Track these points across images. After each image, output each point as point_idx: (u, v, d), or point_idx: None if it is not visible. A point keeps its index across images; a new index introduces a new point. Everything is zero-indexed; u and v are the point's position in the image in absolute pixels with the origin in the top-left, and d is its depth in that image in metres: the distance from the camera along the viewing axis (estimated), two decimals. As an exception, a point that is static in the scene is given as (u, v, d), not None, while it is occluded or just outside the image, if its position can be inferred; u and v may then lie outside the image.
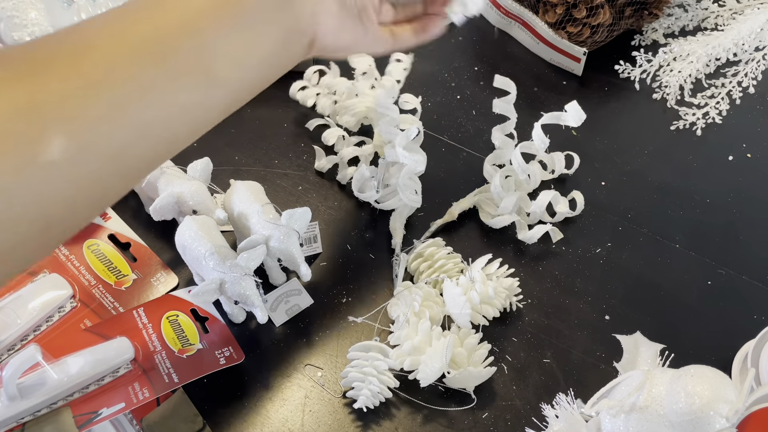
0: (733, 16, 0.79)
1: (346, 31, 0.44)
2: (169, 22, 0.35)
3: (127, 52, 0.33)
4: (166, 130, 0.35)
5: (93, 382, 0.48)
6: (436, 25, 0.51)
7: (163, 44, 0.34)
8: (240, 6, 0.37)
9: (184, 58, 0.34)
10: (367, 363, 0.49)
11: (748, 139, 0.69)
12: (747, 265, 0.60)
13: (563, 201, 0.61)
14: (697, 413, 0.40)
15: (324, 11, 0.42)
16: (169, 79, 0.34)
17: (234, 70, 0.37)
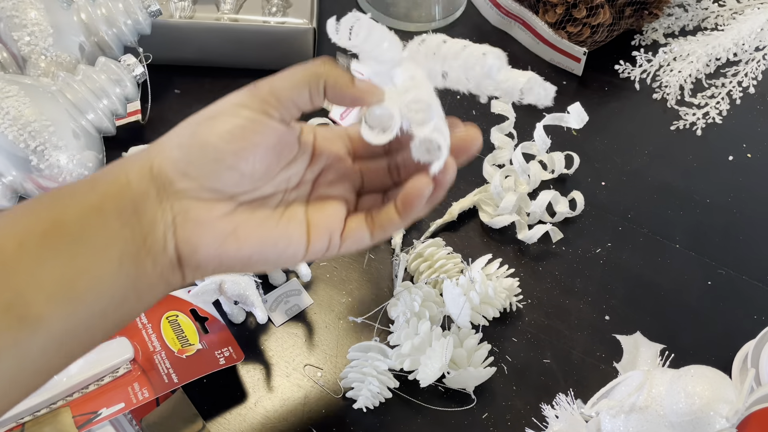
0: (733, 16, 0.79)
1: (252, 239, 0.34)
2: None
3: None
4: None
5: (92, 382, 0.48)
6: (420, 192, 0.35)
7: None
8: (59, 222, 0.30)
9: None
10: (366, 363, 0.49)
11: (748, 139, 0.69)
12: (747, 265, 0.60)
13: (563, 201, 0.61)
14: (697, 413, 0.40)
15: (187, 219, 0.32)
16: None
17: (56, 305, 0.29)
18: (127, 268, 0.31)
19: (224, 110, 0.33)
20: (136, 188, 0.31)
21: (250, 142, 0.33)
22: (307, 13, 0.68)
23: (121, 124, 0.63)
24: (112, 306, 0.31)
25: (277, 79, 0.33)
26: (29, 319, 0.28)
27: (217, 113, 0.33)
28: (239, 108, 0.33)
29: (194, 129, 0.33)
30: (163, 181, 0.32)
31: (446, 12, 0.77)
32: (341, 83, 0.34)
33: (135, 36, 0.61)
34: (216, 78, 0.69)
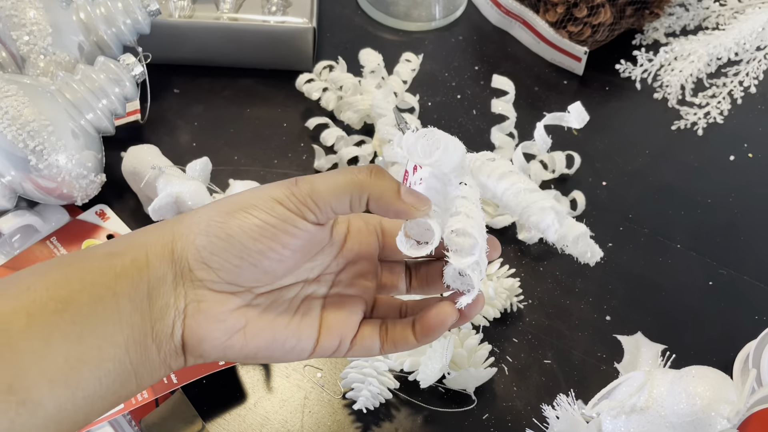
0: (734, 16, 0.79)
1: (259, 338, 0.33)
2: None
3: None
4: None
5: None
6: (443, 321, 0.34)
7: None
8: (71, 300, 0.29)
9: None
10: (366, 364, 0.49)
11: (749, 138, 0.69)
12: (748, 265, 0.60)
13: (564, 201, 0.61)
14: (699, 414, 0.40)
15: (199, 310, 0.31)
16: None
17: (56, 392, 0.28)
18: (132, 353, 0.30)
19: (258, 203, 0.31)
20: (155, 271, 0.31)
21: (279, 242, 0.32)
22: (307, 13, 0.68)
23: (120, 124, 0.63)
24: (111, 390, 0.30)
25: (320, 180, 0.32)
26: (28, 404, 0.28)
27: (251, 205, 0.31)
28: (275, 204, 0.31)
29: (224, 219, 0.31)
30: (182, 267, 0.31)
31: (446, 11, 0.77)
32: (387, 196, 0.32)
33: (134, 35, 0.60)
34: (215, 77, 0.69)
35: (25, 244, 0.55)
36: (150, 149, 0.57)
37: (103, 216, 0.58)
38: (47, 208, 0.57)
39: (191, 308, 0.31)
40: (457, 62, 0.73)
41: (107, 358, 0.30)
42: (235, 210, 0.31)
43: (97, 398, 0.30)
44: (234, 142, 0.65)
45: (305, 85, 0.66)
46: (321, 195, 0.32)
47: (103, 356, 0.29)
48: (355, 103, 0.62)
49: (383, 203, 0.32)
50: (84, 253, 0.31)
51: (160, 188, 0.53)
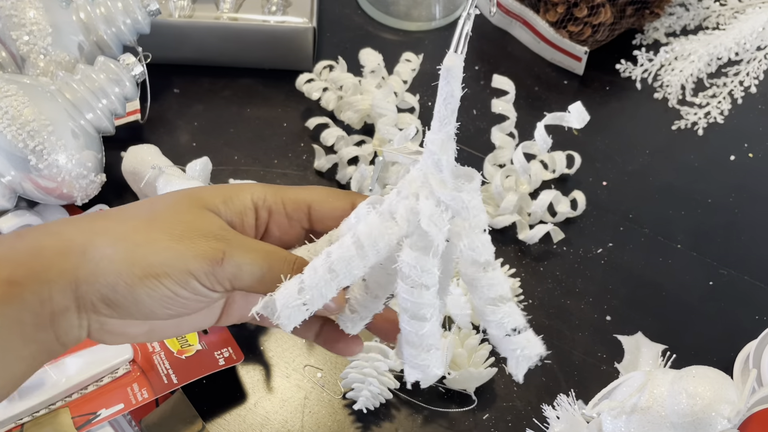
0: (734, 16, 0.79)
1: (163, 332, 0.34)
2: None
3: None
4: None
5: (92, 382, 0.48)
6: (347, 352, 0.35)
7: None
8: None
9: None
10: (367, 364, 0.49)
11: (749, 138, 0.69)
12: (749, 265, 0.60)
13: (564, 201, 0.61)
14: (699, 414, 0.40)
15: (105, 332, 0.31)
16: None
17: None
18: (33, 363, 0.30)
19: (173, 273, 0.29)
20: (57, 304, 0.29)
21: (188, 309, 0.31)
22: (307, 12, 0.68)
23: (120, 124, 0.63)
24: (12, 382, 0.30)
25: (247, 269, 0.30)
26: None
27: (164, 273, 0.29)
28: (190, 279, 0.30)
29: (133, 283, 0.29)
30: (85, 304, 0.30)
31: (446, 11, 0.77)
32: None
33: (134, 35, 0.60)
34: (215, 77, 0.69)
35: (25, 244, 0.55)
36: (150, 149, 0.57)
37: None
38: (47, 208, 0.57)
39: (95, 326, 0.31)
40: (458, 62, 0.73)
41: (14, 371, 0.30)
42: (146, 275, 0.29)
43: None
44: (234, 142, 0.65)
45: (305, 85, 0.66)
46: (242, 282, 0.30)
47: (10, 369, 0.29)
48: (355, 102, 0.62)
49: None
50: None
51: (160, 188, 0.53)
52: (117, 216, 0.32)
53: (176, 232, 0.30)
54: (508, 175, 0.61)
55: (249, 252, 0.30)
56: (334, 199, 0.34)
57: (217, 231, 0.31)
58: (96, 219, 0.31)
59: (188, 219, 0.31)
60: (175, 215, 0.31)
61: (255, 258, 0.30)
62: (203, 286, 0.30)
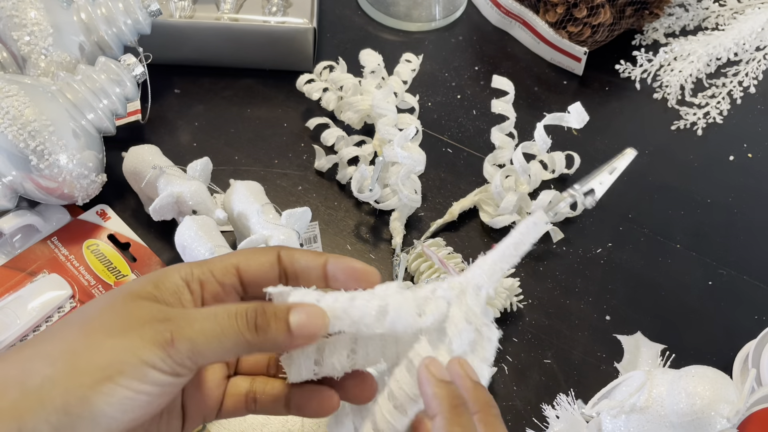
0: (733, 16, 0.79)
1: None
2: None
3: None
4: None
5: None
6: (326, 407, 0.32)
7: None
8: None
9: None
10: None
11: (748, 138, 0.69)
12: (748, 265, 0.60)
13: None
14: (698, 414, 0.40)
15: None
16: None
17: None
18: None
19: (127, 370, 0.26)
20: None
21: (152, 406, 0.28)
22: (307, 13, 0.68)
23: (120, 124, 0.63)
24: None
25: (200, 337, 0.28)
26: None
27: (117, 372, 0.26)
28: (147, 370, 0.27)
29: (86, 393, 0.26)
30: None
31: (446, 12, 0.77)
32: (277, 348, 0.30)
33: (135, 36, 0.61)
34: (216, 78, 0.69)
35: (26, 244, 0.55)
36: (151, 149, 0.57)
37: (104, 216, 0.58)
38: (48, 208, 0.57)
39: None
40: (457, 62, 0.73)
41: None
42: (99, 380, 0.26)
43: None
44: (234, 142, 0.65)
45: (305, 85, 0.66)
46: (202, 355, 0.28)
47: None
48: (355, 103, 0.62)
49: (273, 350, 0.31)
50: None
51: (160, 188, 0.53)
52: (47, 337, 0.28)
53: (116, 328, 0.27)
54: (508, 175, 0.61)
55: (196, 323, 0.28)
56: (258, 256, 0.32)
57: (157, 314, 0.28)
58: (24, 347, 0.28)
59: (124, 312, 0.28)
60: (110, 313, 0.28)
61: (204, 326, 0.28)
62: (164, 374, 0.27)
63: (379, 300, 0.30)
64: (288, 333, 0.29)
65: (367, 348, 0.31)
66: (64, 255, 0.55)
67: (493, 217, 0.59)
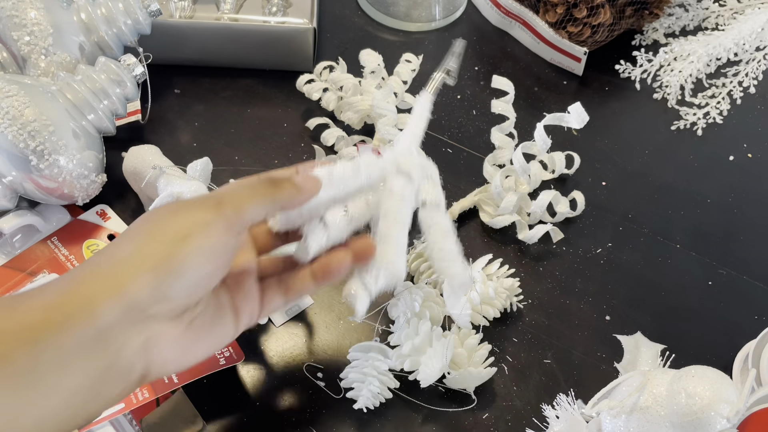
0: (733, 16, 0.79)
1: (204, 341, 0.36)
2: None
3: None
4: None
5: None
6: (340, 263, 0.40)
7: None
8: (9, 357, 0.28)
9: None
10: (367, 364, 0.49)
11: (748, 139, 0.69)
12: (748, 265, 0.60)
13: (564, 201, 0.61)
14: (698, 414, 0.40)
15: (159, 341, 0.33)
16: None
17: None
18: (85, 395, 0.30)
19: (194, 230, 0.33)
20: (105, 319, 0.30)
21: (221, 264, 0.34)
22: (307, 13, 0.68)
23: (120, 124, 0.63)
24: (60, 428, 0.30)
25: (242, 199, 0.35)
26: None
27: (188, 233, 0.32)
28: (209, 228, 0.33)
29: (168, 250, 0.32)
30: (133, 308, 0.31)
31: (446, 12, 0.77)
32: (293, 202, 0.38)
33: (135, 36, 0.61)
34: (216, 78, 0.69)
35: (26, 244, 0.55)
36: (151, 149, 0.57)
37: (104, 216, 0.58)
38: (48, 208, 0.57)
39: (151, 342, 0.32)
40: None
41: (53, 404, 0.29)
42: (175, 241, 0.32)
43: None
44: (234, 143, 0.65)
45: (305, 85, 0.66)
46: (248, 214, 0.35)
47: (49, 403, 0.29)
48: (355, 103, 0.62)
49: (291, 206, 0.38)
50: (19, 304, 0.30)
51: (160, 188, 0.53)
52: (124, 232, 0.34)
53: (177, 209, 0.34)
54: (508, 176, 0.61)
55: (233, 189, 0.36)
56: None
57: (198, 196, 0.35)
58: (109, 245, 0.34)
59: (179, 203, 0.35)
60: (168, 206, 0.35)
61: (240, 190, 0.35)
62: (222, 230, 0.33)
63: (352, 163, 0.41)
64: (295, 187, 0.37)
65: (356, 204, 0.41)
66: (65, 255, 0.55)
67: (493, 218, 0.60)
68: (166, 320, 0.33)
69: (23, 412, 0.28)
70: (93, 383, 0.30)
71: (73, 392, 0.30)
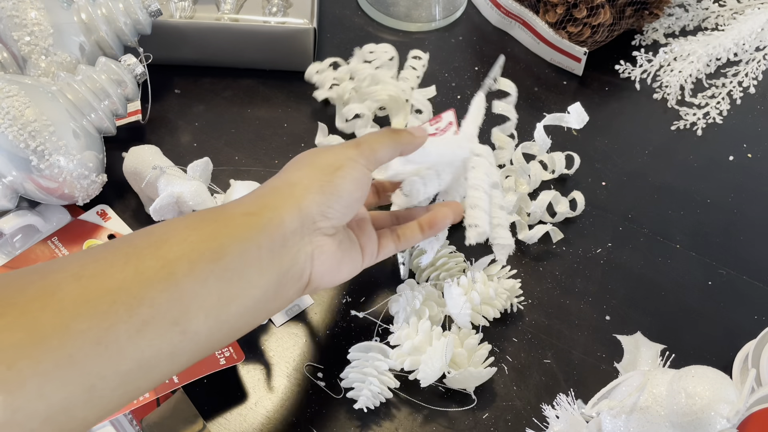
0: (733, 16, 0.79)
1: (345, 264, 0.43)
2: (145, 269, 0.33)
3: (92, 301, 0.31)
4: (122, 384, 0.32)
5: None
6: (445, 217, 0.49)
7: (132, 294, 0.32)
8: (224, 251, 0.35)
9: (151, 309, 0.32)
10: (367, 363, 0.49)
11: (748, 139, 0.69)
12: (747, 265, 0.60)
13: (564, 201, 0.61)
14: (698, 414, 0.40)
15: (322, 252, 0.40)
16: (132, 332, 0.31)
17: (209, 322, 0.34)
18: (270, 293, 0.38)
19: (345, 163, 0.41)
20: (288, 226, 0.38)
21: (364, 191, 0.42)
22: (307, 13, 0.68)
23: (121, 124, 0.63)
24: (249, 322, 0.38)
25: (375, 143, 0.43)
26: (188, 333, 0.34)
27: (340, 165, 0.41)
28: (355, 162, 0.42)
29: (329, 178, 0.40)
30: (307, 220, 0.39)
31: (446, 12, 0.77)
32: (413, 145, 0.46)
33: (135, 36, 0.61)
34: (216, 78, 0.69)
35: (27, 244, 0.55)
36: (151, 149, 0.57)
37: (105, 216, 0.58)
38: (48, 208, 0.57)
39: (317, 251, 0.40)
40: (457, 63, 0.73)
41: (250, 297, 0.36)
42: (333, 170, 0.41)
43: (236, 329, 0.37)
44: (235, 143, 0.65)
45: (316, 75, 0.65)
46: (379, 154, 0.43)
47: (247, 295, 0.36)
48: (374, 93, 0.62)
49: (410, 149, 0.46)
50: (222, 211, 0.38)
51: (161, 188, 0.53)
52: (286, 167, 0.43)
53: (329, 149, 0.43)
54: (508, 176, 0.61)
55: (369, 136, 0.44)
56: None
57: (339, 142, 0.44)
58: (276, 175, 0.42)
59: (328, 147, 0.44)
60: (319, 148, 0.44)
61: (373, 136, 0.44)
62: (363, 163, 0.42)
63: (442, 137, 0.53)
64: (411, 134, 0.46)
65: (445, 171, 0.50)
66: (65, 255, 0.55)
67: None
68: (326, 235, 0.40)
69: (230, 301, 0.35)
70: (277, 282, 0.38)
71: (264, 289, 0.37)
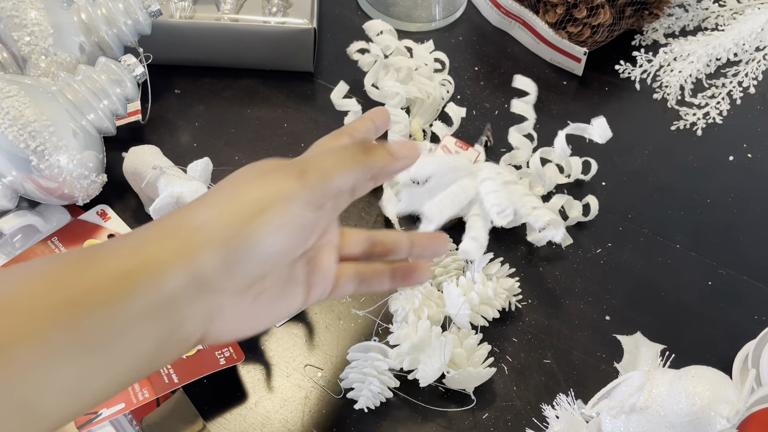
0: (733, 16, 0.79)
1: (271, 311, 0.35)
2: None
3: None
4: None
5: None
6: (424, 274, 0.41)
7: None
8: (82, 322, 0.28)
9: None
10: (367, 363, 0.49)
11: (748, 139, 0.69)
12: (747, 265, 0.60)
13: (577, 205, 0.61)
14: (698, 414, 0.40)
15: (222, 313, 0.32)
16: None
17: (64, 402, 0.28)
18: (144, 363, 0.30)
19: (274, 203, 0.31)
20: (171, 288, 0.29)
21: (298, 241, 0.32)
22: (307, 13, 0.68)
23: (121, 124, 0.63)
24: (119, 390, 0.31)
25: (328, 167, 0.32)
26: (37, 417, 0.28)
27: (267, 206, 0.31)
28: (288, 203, 0.31)
29: (243, 224, 0.30)
30: (200, 279, 0.30)
31: (446, 12, 0.77)
32: (386, 170, 0.35)
33: (135, 36, 0.61)
34: (216, 78, 0.69)
35: (27, 244, 0.55)
36: (151, 150, 0.57)
37: (104, 216, 0.58)
38: (48, 208, 0.57)
39: (213, 314, 0.31)
40: (457, 63, 0.73)
41: (116, 370, 0.29)
42: (252, 215, 0.30)
43: (106, 396, 0.30)
44: (235, 143, 0.65)
45: (357, 53, 0.66)
46: (336, 182, 0.32)
47: (113, 369, 0.29)
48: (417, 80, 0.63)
49: (383, 174, 0.35)
50: (92, 263, 0.30)
51: (161, 188, 0.53)
52: (206, 194, 0.33)
53: (261, 174, 0.32)
54: (522, 177, 0.61)
55: (320, 157, 0.33)
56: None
57: (290, 161, 0.33)
58: (189, 204, 0.33)
59: (265, 164, 0.33)
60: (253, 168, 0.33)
61: (328, 158, 0.33)
62: (308, 203, 0.32)
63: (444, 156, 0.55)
64: (389, 153, 0.34)
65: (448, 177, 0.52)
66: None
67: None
68: (231, 294, 0.31)
69: (96, 374, 0.29)
70: (156, 348, 0.30)
71: (139, 357, 0.30)
